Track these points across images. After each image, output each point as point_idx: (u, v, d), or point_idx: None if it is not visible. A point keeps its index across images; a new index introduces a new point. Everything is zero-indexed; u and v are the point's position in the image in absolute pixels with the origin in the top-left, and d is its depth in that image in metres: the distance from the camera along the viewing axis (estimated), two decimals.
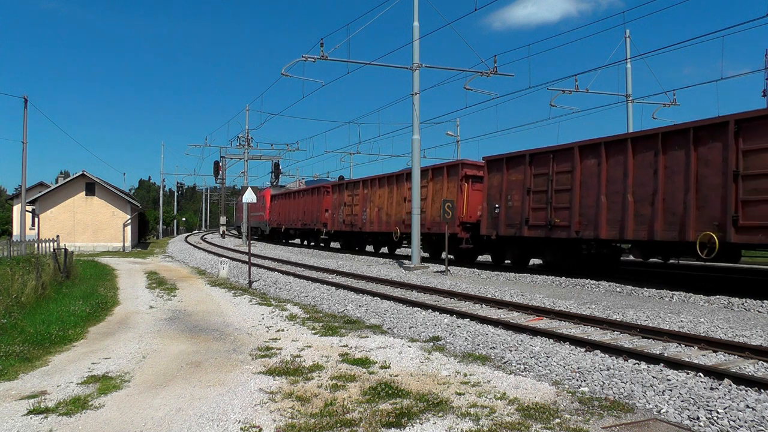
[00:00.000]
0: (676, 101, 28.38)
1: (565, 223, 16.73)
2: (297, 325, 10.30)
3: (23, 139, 30.32)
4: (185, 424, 5.24)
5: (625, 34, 27.29)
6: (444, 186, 23.01)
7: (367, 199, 29.46)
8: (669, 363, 7.03)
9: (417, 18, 21.35)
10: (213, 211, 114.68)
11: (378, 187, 28.52)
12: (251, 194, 18.32)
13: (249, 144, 46.09)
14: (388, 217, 27.38)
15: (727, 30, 21.50)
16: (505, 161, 19.41)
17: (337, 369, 7.08)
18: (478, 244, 21.82)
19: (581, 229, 16.17)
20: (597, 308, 11.56)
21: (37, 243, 28.02)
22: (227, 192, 75.31)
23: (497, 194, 19.82)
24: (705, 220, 12.93)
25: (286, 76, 22.47)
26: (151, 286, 17.24)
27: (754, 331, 9.20)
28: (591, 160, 16.01)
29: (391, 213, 27.21)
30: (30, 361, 7.81)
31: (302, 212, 38.54)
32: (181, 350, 8.34)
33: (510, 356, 7.69)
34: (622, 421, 5.20)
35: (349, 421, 5.19)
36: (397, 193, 26.86)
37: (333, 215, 33.60)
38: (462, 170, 21.97)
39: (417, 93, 21.73)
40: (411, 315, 11.06)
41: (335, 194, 33.52)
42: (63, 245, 23.51)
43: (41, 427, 5.25)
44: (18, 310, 11.04)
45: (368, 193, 29.46)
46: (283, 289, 15.92)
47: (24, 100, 29.97)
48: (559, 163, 17.13)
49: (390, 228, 26.98)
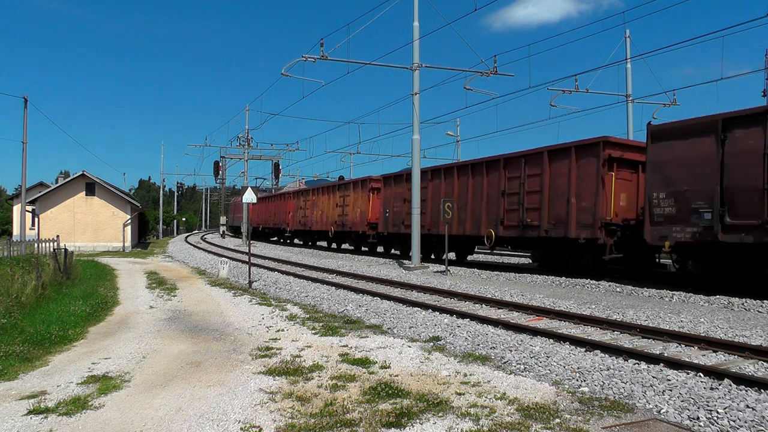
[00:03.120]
0: (676, 101, 28.41)
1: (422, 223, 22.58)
2: (297, 325, 10.30)
3: (23, 139, 30.31)
4: (185, 424, 5.24)
5: (625, 34, 27.31)
6: (360, 195, 29.95)
7: (314, 205, 36.18)
8: (669, 363, 7.03)
9: (417, 18, 21.36)
10: (213, 211, 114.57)
11: (321, 194, 35.27)
12: (251, 194, 18.31)
13: (249, 144, 46.07)
14: (327, 219, 33.79)
15: (727, 30, 21.49)
16: (393, 179, 26.51)
17: (337, 369, 7.08)
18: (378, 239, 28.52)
19: (431, 227, 22.99)
20: (597, 308, 11.56)
21: (37, 243, 28.00)
22: (227, 192, 75.24)
23: (388, 202, 26.47)
24: (491, 221, 19.60)
25: (286, 76, 22.49)
26: (151, 286, 17.24)
27: (754, 331, 9.20)
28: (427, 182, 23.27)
29: (328, 215, 33.64)
30: (30, 361, 7.81)
31: (273, 214, 45.98)
32: (181, 350, 8.34)
33: (510, 356, 7.69)
34: (622, 421, 5.20)
35: (349, 421, 5.19)
36: (332, 200, 33.20)
37: (293, 217, 40.62)
38: (369, 184, 29.15)
39: (417, 93, 21.73)
40: (411, 315, 11.06)
41: (295, 200, 40.62)
42: (63, 245, 23.51)
43: (41, 427, 5.24)
44: (18, 310, 11.03)
45: (315, 199, 36.06)
46: (283, 289, 15.92)
47: (24, 100, 29.98)
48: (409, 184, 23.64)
49: (328, 227, 33.71)
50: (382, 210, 26.87)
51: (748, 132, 12.28)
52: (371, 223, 28.54)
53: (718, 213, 12.63)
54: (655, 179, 14.15)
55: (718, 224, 12.62)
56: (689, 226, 13.27)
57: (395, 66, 22.80)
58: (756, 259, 12.55)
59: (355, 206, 30.33)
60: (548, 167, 17.42)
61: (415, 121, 21.86)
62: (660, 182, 14.01)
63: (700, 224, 13.04)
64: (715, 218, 12.68)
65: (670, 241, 13.73)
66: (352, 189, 30.92)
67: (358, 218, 30.01)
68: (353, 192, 30.67)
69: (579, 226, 16.30)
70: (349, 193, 31.02)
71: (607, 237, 15.70)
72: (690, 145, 13.33)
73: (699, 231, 13.03)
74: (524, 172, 18.31)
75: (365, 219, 29.00)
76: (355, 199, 30.37)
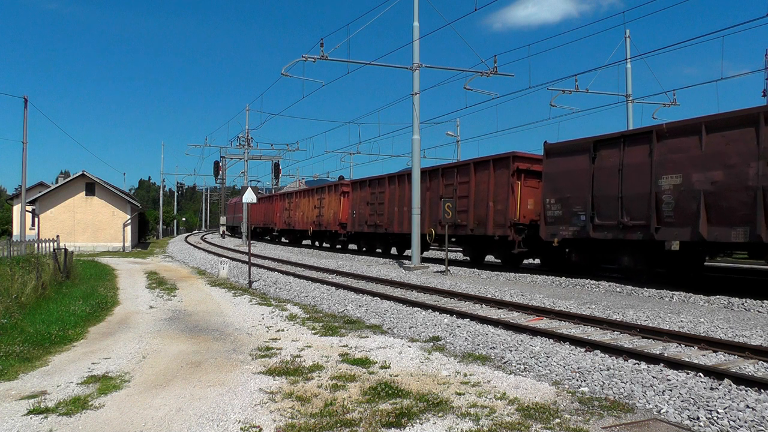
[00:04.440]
0: (676, 101, 28.40)
1: (380, 223, 27.51)
2: (297, 325, 10.30)
3: (23, 139, 30.30)
4: (185, 424, 5.24)
5: (625, 34, 27.30)
6: (333, 198, 33.37)
7: (297, 206, 39.84)
8: (669, 363, 7.03)
9: (417, 18, 21.35)
10: (213, 211, 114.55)
11: (302, 197, 39.16)
12: (251, 194, 18.28)
13: (249, 144, 46.05)
14: (307, 219, 37.39)
15: (727, 30, 21.49)
16: (359, 184, 30.56)
17: (337, 369, 7.08)
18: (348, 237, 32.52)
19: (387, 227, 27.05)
20: (597, 308, 11.56)
21: (37, 243, 28.00)
22: (227, 192, 75.24)
23: (355, 205, 30.44)
24: (432, 221, 22.78)
25: (286, 76, 22.46)
26: (151, 286, 17.24)
27: (754, 331, 9.20)
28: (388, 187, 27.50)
29: (308, 216, 37.19)
30: (30, 361, 7.81)
31: (263, 215, 49.05)
32: (181, 350, 8.34)
33: (510, 356, 7.69)
34: (622, 421, 5.20)
35: (349, 421, 5.19)
36: (311, 202, 36.79)
37: (280, 217, 43.87)
38: (340, 188, 32.77)
39: (417, 93, 21.73)
40: (411, 315, 11.06)
41: (281, 202, 44.02)
42: (63, 245, 23.51)
43: (41, 427, 5.24)
44: (18, 310, 11.03)
45: (298, 201, 39.83)
46: (283, 289, 15.92)
47: (24, 100, 29.97)
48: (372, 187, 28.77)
49: (307, 227, 37.28)
50: (351, 211, 30.91)
51: (610, 152, 15.45)
52: (342, 223, 32.16)
53: (590, 215, 15.84)
54: (548, 188, 17.37)
55: (589, 224, 15.85)
56: (571, 225, 16.48)
57: (395, 66, 22.81)
58: (614, 250, 15.89)
59: (329, 208, 33.86)
60: (474, 176, 20.66)
61: (415, 121, 21.86)
62: (551, 190, 17.21)
63: (578, 224, 16.28)
64: (588, 219, 15.91)
65: (558, 237, 17.00)
66: (327, 192, 34.49)
67: (332, 219, 33.42)
68: (328, 195, 34.21)
69: (495, 226, 19.48)
70: (325, 196, 34.58)
71: (515, 235, 18.74)
72: (572, 161, 16.54)
73: (577, 229, 16.31)
74: (456, 180, 21.64)
75: (337, 219, 32.54)
76: (329, 201, 33.88)
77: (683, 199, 13.50)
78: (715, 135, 12.97)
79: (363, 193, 29.70)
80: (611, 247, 15.84)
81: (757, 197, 12.05)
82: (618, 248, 15.56)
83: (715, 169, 12.89)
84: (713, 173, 12.91)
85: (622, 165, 15.00)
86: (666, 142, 14.02)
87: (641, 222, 14.41)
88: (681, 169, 13.58)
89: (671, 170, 13.81)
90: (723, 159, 12.74)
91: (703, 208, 13.00)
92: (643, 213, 14.37)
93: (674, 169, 13.74)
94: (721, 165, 12.76)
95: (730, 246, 13.65)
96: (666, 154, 13.95)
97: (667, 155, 13.93)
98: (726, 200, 12.66)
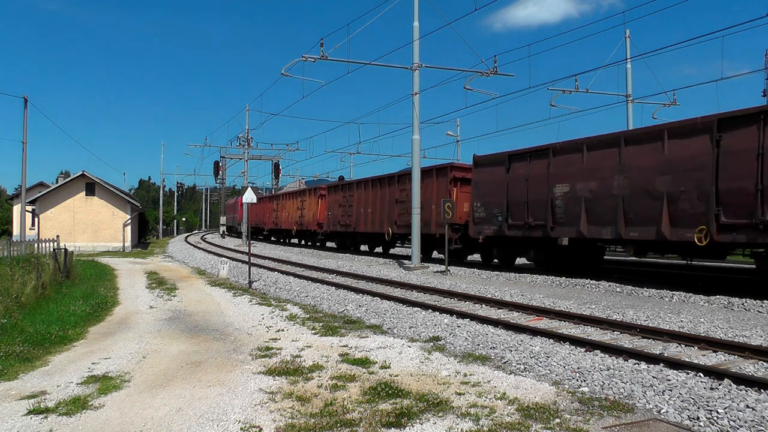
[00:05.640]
0: (676, 101, 28.43)
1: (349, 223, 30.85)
2: (297, 325, 10.30)
3: (23, 139, 30.31)
4: (185, 424, 5.24)
5: (625, 34, 27.33)
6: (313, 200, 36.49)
7: (283, 207, 43.35)
8: (669, 363, 7.03)
9: (417, 18, 21.35)
10: (213, 211, 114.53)
11: (288, 199, 42.49)
12: (251, 194, 18.28)
13: (249, 144, 46.05)
14: (291, 219, 40.94)
15: (727, 30, 21.50)
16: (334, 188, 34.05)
17: (337, 369, 7.08)
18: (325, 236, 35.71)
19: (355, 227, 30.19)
20: (597, 308, 11.56)
21: (37, 243, 28.00)
22: (227, 192, 75.23)
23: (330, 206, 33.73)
24: (390, 222, 26.24)
25: (286, 76, 22.47)
26: (151, 286, 17.24)
27: (754, 331, 9.20)
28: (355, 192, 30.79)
29: (292, 217, 40.73)
30: (30, 361, 7.81)
31: (256, 215, 51.69)
32: (181, 350, 8.34)
33: (510, 356, 7.69)
34: (622, 421, 5.20)
35: (349, 421, 5.19)
36: (294, 204, 40.35)
37: (270, 218, 47.05)
38: (319, 191, 36.02)
39: (417, 93, 21.73)
40: (411, 315, 11.06)
41: (270, 203, 47.30)
42: (63, 245, 23.51)
43: (41, 427, 5.24)
44: (18, 310, 11.03)
45: (284, 203, 43.26)
46: (283, 289, 15.92)
47: (24, 100, 29.98)
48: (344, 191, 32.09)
49: (291, 226, 40.87)
50: (327, 213, 34.23)
51: (520, 164, 18.59)
52: (320, 222, 35.45)
53: (505, 217, 18.85)
54: (476, 193, 20.61)
55: (505, 224, 18.90)
56: (492, 225, 19.51)
57: (395, 66, 22.82)
58: (524, 246, 19.11)
59: (309, 209, 37.19)
60: (421, 183, 22.58)
61: (415, 121, 21.86)
62: (478, 195, 20.44)
63: (497, 224, 19.28)
64: (504, 220, 18.94)
65: (483, 235, 20.10)
66: (308, 195, 37.89)
67: (311, 219, 36.68)
68: (308, 198, 37.56)
69: (437, 226, 22.30)
70: (306, 199, 37.95)
71: (453, 233, 21.49)
72: (493, 171, 19.63)
73: (497, 228, 19.33)
74: (408, 185, 23.63)
75: (316, 219, 35.85)
76: (309, 203, 37.20)
77: (570, 204, 16.51)
78: (593, 153, 15.94)
79: (337, 196, 32.83)
80: (521, 243, 18.87)
81: (618, 203, 14.99)
82: (526, 244, 18.62)
83: (592, 180, 15.89)
84: (591, 183, 15.92)
85: (528, 176, 18.07)
86: (559, 157, 16.99)
87: (541, 222, 17.43)
88: (569, 179, 16.58)
89: (562, 180, 16.82)
90: (597, 172, 15.72)
91: (584, 212, 16.03)
92: (543, 215, 17.38)
93: (564, 180, 16.77)
94: (596, 177, 15.74)
95: (603, 241, 16.74)
96: (559, 167, 16.95)
97: (559, 168, 16.93)
98: (599, 205, 15.68)
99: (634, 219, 14.63)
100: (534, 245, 18.56)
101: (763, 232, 11.86)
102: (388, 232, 26.14)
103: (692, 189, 13.23)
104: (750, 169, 12.11)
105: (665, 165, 13.87)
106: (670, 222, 13.72)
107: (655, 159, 14.12)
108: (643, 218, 14.36)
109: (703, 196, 12.97)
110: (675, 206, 13.61)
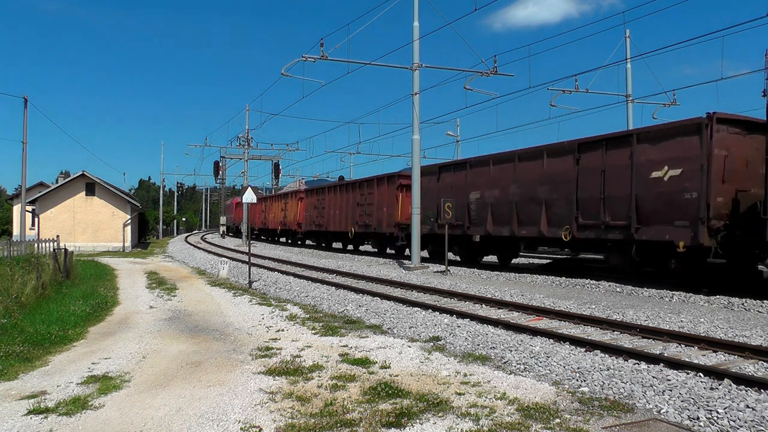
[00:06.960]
0: (676, 101, 28.40)
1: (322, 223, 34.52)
2: (297, 325, 10.30)
3: (23, 139, 30.30)
4: (185, 424, 5.24)
5: (625, 34, 27.30)
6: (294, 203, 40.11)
7: (270, 209, 47.39)
8: (669, 363, 7.03)
9: (417, 18, 21.34)
10: (213, 211, 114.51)
11: (274, 201, 46.83)
12: (251, 194, 18.28)
13: (249, 144, 46.04)
14: (276, 219, 45.19)
15: (727, 30, 21.48)
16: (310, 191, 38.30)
17: (337, 369, 7.08)
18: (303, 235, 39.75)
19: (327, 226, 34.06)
20: (597, 308, 11.56)
21: (37, 243, 28.00)
22: (227, 192, 75.20)
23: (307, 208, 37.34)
24: (352, 222, 30.09)
25: (286, 76, 22.46)
26: (151, 286, 17.24)
27: (754, 331, 9.20)
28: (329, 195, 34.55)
29: (277, 217, 44.92)
30: (30, 361, 7.81)
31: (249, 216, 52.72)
32: (181, 350, 8.34)
33: (510, 356, 7.69)
34: (622, 421, 5.20)
35: (349, 421, 5.19)
36: (279, 205, 44.56)
37: (259, 218, 50.62)
38: (298, 194, 39.92)
39: (417, 93, 21.73)
40: (411, 315, 11.06)
41: (260, 204, 49.71)
42: (63, 245, 23.50)
43: (41, 427, 5.25)
44: (18, 310, 11.03)
45: (271, 204, 47.40)
46: (283, 289, 15.92)
47: (24, 100, 29.98)
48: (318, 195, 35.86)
49: (276, 226, 45.42)
50: (305, 213, 38.09)
51: (447, 174, 22.50)
52: (299, 222, 39.12)
53: (436, 218, 21.85)
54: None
55: (435, 224, 22.15)
56: (427, 225, 22.47)
57: (395, 66, 22.81)
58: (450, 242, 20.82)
59: (291, 210, 41.01)
60: (376, 188, 27.65)
61: (415, 121, 21.86)
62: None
63: (430, 224, 22.53)
64: (435, 221, 22.14)
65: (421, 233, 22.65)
66: (290, 198, 41.61)
67: (292, 219, 40.49)
68: (290, 200, 41.28)
69: (387, 225, 26.57)
70: (288, 201, 41.77)
71: (399, 232, 25.41)
72: (428, 180, 22.90)
73: (430, 228, 22.59)
74: (367, 190, 28.71)
75: (296, 220, 39.52)
76: (291, 205, 41.03)
77: (480, 208, 20.18)
78: (497, 167, 19.46)
79: (312, 199, 36.70)
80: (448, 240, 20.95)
81: (513, 208, 18.50)
82: (451, 241, 20.99)
83: (496, 188, 19.45)
84: (495, 191, 19.49)
85: (453, 184, 21.71)
86: (474, 169, 20.70)
87: (461, 223, 20.87)
88: (480, 188, 20.24)
89: (476, 189, 20.48)
90: (500, 182, 19.22)
91: (490, 214, 19.59)
92: (462, 217, 20.77)
93: (477, 188, 20.46)
94: (499, 186, 19.30)
95: (503, 238, 19.54)
96: (473, 178, 20.63)
97: (474, 178, 20.60)
98: (500, 209, 19.18)
99: (524, 220, 18.13)
100: (457, 242, 21.98)
101: (605, 230, 15.33)
102: (351, 231, 30.09)
103: (562, 197, 16.70)
104: (597, 183, 15.51)
105: (545, 177, 17.38)
106: (548, 223, 17.23)
107: (538, 173, 17.63)
108: (530, 219, 17.84)
109: (569, 202, 16.42)
110: (551, 210, 17.13)
